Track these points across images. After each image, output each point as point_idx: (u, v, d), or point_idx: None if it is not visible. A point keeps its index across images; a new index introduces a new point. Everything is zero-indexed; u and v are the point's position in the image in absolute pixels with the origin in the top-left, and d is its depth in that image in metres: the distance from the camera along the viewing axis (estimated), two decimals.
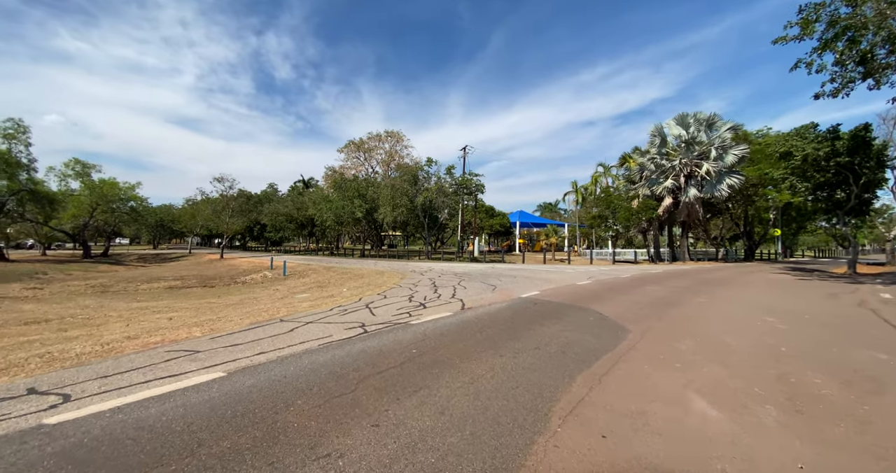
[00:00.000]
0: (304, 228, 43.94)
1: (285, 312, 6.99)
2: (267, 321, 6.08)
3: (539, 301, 8.03)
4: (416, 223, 33.74)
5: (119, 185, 36.77)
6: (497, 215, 48.72)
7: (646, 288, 10.51)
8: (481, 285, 10.84)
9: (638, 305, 7.71)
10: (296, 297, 10.88)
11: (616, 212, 29.87)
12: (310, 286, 14.44)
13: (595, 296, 8.83)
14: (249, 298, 12.30)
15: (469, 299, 8.22)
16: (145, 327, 6.79)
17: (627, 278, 13.61)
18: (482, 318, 6.19)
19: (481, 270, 16.94)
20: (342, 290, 10.67)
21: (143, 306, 11.61)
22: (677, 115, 25.69)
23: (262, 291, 14.61)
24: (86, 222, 35.22)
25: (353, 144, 44.04)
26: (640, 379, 3.61)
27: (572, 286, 10.88)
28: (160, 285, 19.07)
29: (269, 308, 7.94)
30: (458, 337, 4.96)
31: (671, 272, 17.03)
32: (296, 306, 7.78)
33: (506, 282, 11.57)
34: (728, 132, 24.33)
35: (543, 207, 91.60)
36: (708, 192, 24.56)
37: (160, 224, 53.35)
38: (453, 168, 30.73)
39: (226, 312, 8.03)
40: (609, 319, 6.25)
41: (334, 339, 4.82)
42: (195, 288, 18.00)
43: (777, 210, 31.83)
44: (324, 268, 20.62)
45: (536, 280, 12.44)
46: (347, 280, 14.59)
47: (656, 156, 26.81)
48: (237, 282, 20.57)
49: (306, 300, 9.27)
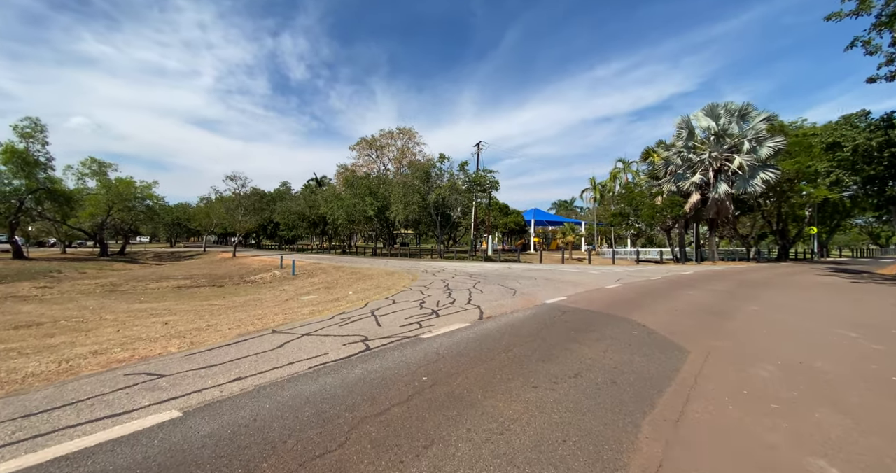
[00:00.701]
0: (317, 227, 43.67)
1: (282, 319, 6.24)
2: (258, 331, 5.32)
3: (567, 308, 7.07)
4: (429, 221, 32.96)
5: (135, 184, 37.07)
6: (511, 213, 47.50)
7: (684, 293, 9.41)
8: (499, 288, 9.92)
9: (683, 314, 6.68)
10: (301, 299, 10.19)
11: (638, 210, 28.44)
12: (317, 287, 13.77)
13: (630, 303, 7.81)
14: (254, 300, 11.70)
15: (487, 306, 7.32)
16: (133, 334, 6.17)
17: (659, 280, 12.47)
18: (505, 331, 5.29)
19: (497, 271, 16.00)
20: (348, 293, 9.91)
21: (143, 308, 11.09)
22: (706, 106, 24.14)
23: (269, 292, 14.02)
24: (103, 221, 35.59)
25: (364, 142, 43.47)
26: (731, 429, 2.66)
27: (601, 290, 9.86)
28: (169, 284, 18.75)
29: (266, 313, 7.21)
30: (478, 358, 4.08)
31: (704, 273, 15.75)
32: (295, 312, 7.02)
33: (526, 285, 10.61)
34: (762, 123, 22.67)
35: (559, 205, 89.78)
36: (740, 188, 22.98)
37: (176, 222, 53.97)
38: (467, 164, 29.82)
39: (222, 317, 7.35)
40: (657, 334, 5.27)
41: (329, 359, 3.99)
42: (203, 288, 17.59)
43: (813, 207, 29.82)
44: (333, 268, 20.01)
45: (559, 282, 11.44)
46: (356, 281, 13.87)
47: (683, 149, 25.29)
48: (246, 282, 20.13)
49: (309, 304, 8.53)
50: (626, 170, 45.84)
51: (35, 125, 28.29)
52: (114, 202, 34.71)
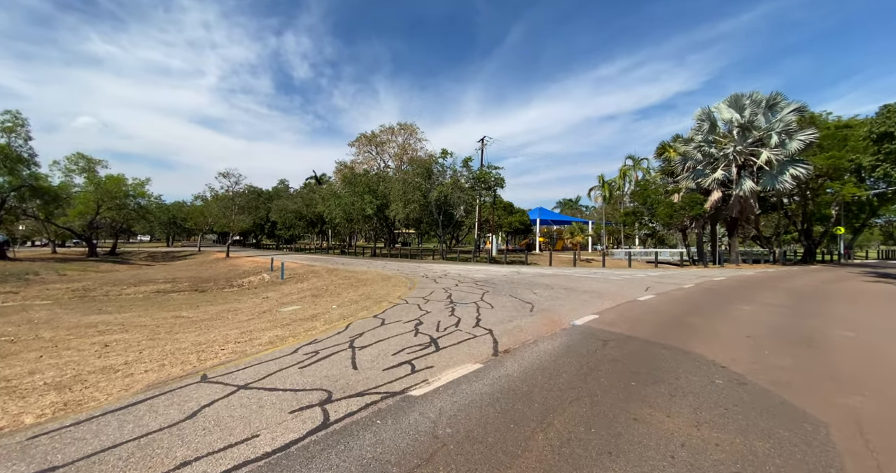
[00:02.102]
0: (315, 226, 42.16)
1: (229, 352, 4.68)
2: (182, 377, 3.75)
3: (607, 334, 5.45)
4: (430, 220, 31.37)
5: (125, 181, 35.69)
6: (516, 212, 45.80)
7: (737, 309, 7.77)
8: (512, 302, 8.30)
9: (762, 345, 5.05)
10: (280, 312, 8.66)
11: (653, 209, 26.74)
12: (304, 295, 12.22)
13: (682, 325, 6.18)
14: (229, 311, 10.19)
15: (501, 330, 5.71)
16: (51, 364, 4.80)
17: (694, 289, 10.81)
18: (534, 381, 3.68)
19: (505, 276, 14.38)
20: (331, 307, 8.32)
21: (98, 321, 9.56)
22: (730, 96, 22.34)
23: (250, 300, 12.49)
24: (92, 219, 34.24)
25: (364, 138, 41.83)
26: None
27: (634, 303, 8.23)
28: (148, 289, 17.26)
29: (219, 338, 5.66)
30: (500, 445, 2.48)
31: (738, 279, 14.06)
32: (253, 340, 5.44)
33: (543, 297, 8.99)
34: (792, 114, 20.89)
35: (564, 204, 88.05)
36: (767, 185, 21.23)
37: (172, 222, 52.66)
38: (470, 160, 28.18)
39: (165, 344, 5.82)
40: (753, 385, 3.65)
41: (255, 454, 2.40)
42: (183, 293, 16.08)
43: (840, 205, 27.98)
44: (327, 271, 18.47)
45: (581, 292, 9.81)
46: (347, 288, 12.30)
47: (703, 143, 23.53)
48: (232, 286, 18.62)
49: (282, 322, 6.95)
50: (636, 168, 44.06)
51: (16, 119, 26.89)
52: (103, 200, 33.33)
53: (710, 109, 23.27)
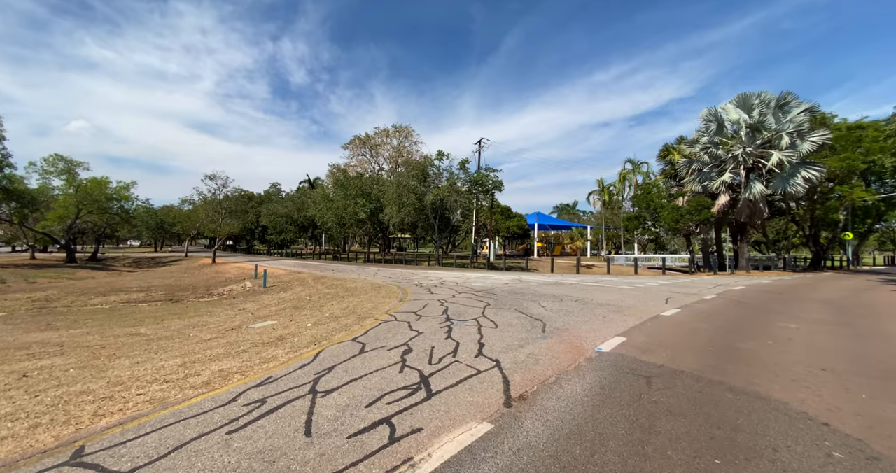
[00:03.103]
0: (306, 230, 40.82)
1: (144, 400, 3.45)
2: (37, 457, 2.51)
3: (645, 367, 4.27)
4: (426, 224, 30.20)
5: (107, 184, 34.24)
6: (514, 216, 44.79)
7: (782, 328, 6.63)
8: (519, 319, 7.11)
9: (853, 383, 3.89)
10: (251, 328, 7.45)
11: (657, 213, 25.76)
12: (283, 307, 10.96)
13: (732, 352, 5.01)
14: (194, 326, 8.96)
15: (512, 362, 4.51)
16: None
17: (718, 301, 9.68)
18: (570, 458, 2.49)
19: (507, 285, 13.20)
20: (307, 325, 7.09)
21: (36, 340, 8.24)
22: (737, 96, 21.50)
23: (224, 312, 11.22)
24: (71, 223, 32.71)
25: (358, 140, 40.67)
26: None
27: (659, 320, 7.07)
28: (118, 298, 15.89)
29: (147, 374, 4.42)
30: None
31: (758, 288, 12.97)
32: (189, 377, 4.20)
33: (553, 311, 7.81)
34: (802, 115, 20.05)
35: (561, 208, 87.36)
36: (778, 188, 20.30)
37: (160, 226, 51.06)
38: (468, 162, 27.11)
39: (87, 378, 4.59)
40: (888, 459, 2.48)
41: None
42: (155, 304, 14.74)
43: (847, 210, 27.15)
44: (314, 279, 17.20)
45: (594, 305, 8.64)
46: (331, 299, 11.06)
47: (710, 145, 22.63)
48: (212, 295, 17.28)
49: (246, 346, 5.71)
50: (636, 172, 43.27)
51: None
52: (83, 203, 31.85)
53: (716, 110, 22.42)
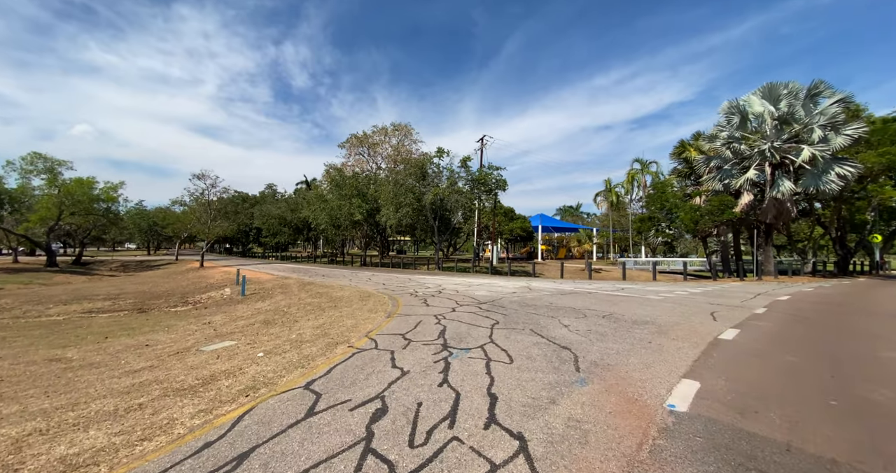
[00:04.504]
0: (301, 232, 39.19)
1: None
2: None
3: (759, 447, 2.56)
4: (425, 226, 28.53)
5: (92, 184, 32.73)
6: (517, 218, 43.09)
7: (894, 360, 4.92)
8: (540, 347, 5.40)
9: None
10: (202, 351, 5.82)
11: (672, 213, 24.06)
12: (253, 321, 9.30)
13: (871, 409, 3.30)
14: (136, 347, 7.34)
15: (546, 440, 2.79)
16: None
17: (776, 317, 7.95)
18: None
19: (515, 294, 11.50)
20: (258, 354, 5.40)
21: None
22: (763, 87, 19.82)
23: (185, 327, 9.57)
24: (53, 225, 31.17)
25: (355, 138, 39.06)
26: None
27: (725, 347, 5.35)
28: (79, 308, 14.26)
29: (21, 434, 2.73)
30: None
31: (807, 299, 11.23)
32: (24, 464, 2.51)
33: (581, 333, 6.10)
34: (835, 106, 18.35)
35: (563, 210, 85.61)
36: (809, 186, 18.58)
37: (151, 228, 49.53)
38: (469, 160, 25.48)
39: None
40: None
41: None
42: (117, 314, 13.08)
43: (876, 210, 25.40)
44: (300, 286, 15.54)
45: (629, 323, 6.92)
46: (309, 312, 9.39)
47: (731, 140, 20.94)
48: (186, 303, 15.62)
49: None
50: (644, 172, 41.56)
51: None
52: (64, 204, 30.32)
53: (738, 102, 20.74)
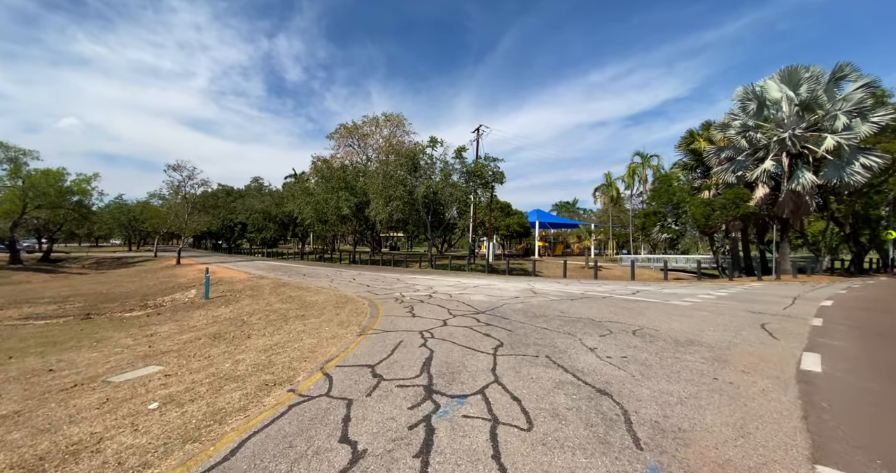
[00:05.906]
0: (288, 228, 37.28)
1: None
2: None
3: None
4: (417, 221, 26.83)
5: (61, 176, 30.51)
6: (514, 214, 41.52)
7: None
8: (568, 393, 3.80)
9: None
10: (108, 382, 4.16)
11: (680, 208, 22.62)
12: (201, 334, 7.62)
13: None
14: (35, 374, 5.72)
15: None
16: None
17: (840, 331, 6.44)
18: None
19: (518, 299, 9.91)
20: (150, 406, 3.74)
21: None
22: (781, 71, 18.34)
23: (116, 342, 7.89)
24: (17, 220, 28.99)
25: (344, 129, 37.09)
26: None
27: (822, 385, 3.78)
28: (14, 314, 12.43)
29: None
30: None
31: (849, 302, 9.80)
32: None
33: (616, 363, 4.52)
34: (861, 91, 16.94)
35: (560, 206, 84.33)
36: (832, 177, 17.20)
37: (130, 223, 47.26)
38: (464, 150, 23.77)
39: None
40: None
41: None
42: (54, 321, 11.28)
43: (891, 205, 24.22)
44: (273, 287, 13.84)
45: (674, 345, 5.35)
46: (269, 324, 7.72)
47: (746, 128, 19.48)
48: (145, 307, 13.85)
49: None
50: (645, 166, 40.14)
51: None
52: (28, 197, 28.15)
53: (754, 87, 19.25)
